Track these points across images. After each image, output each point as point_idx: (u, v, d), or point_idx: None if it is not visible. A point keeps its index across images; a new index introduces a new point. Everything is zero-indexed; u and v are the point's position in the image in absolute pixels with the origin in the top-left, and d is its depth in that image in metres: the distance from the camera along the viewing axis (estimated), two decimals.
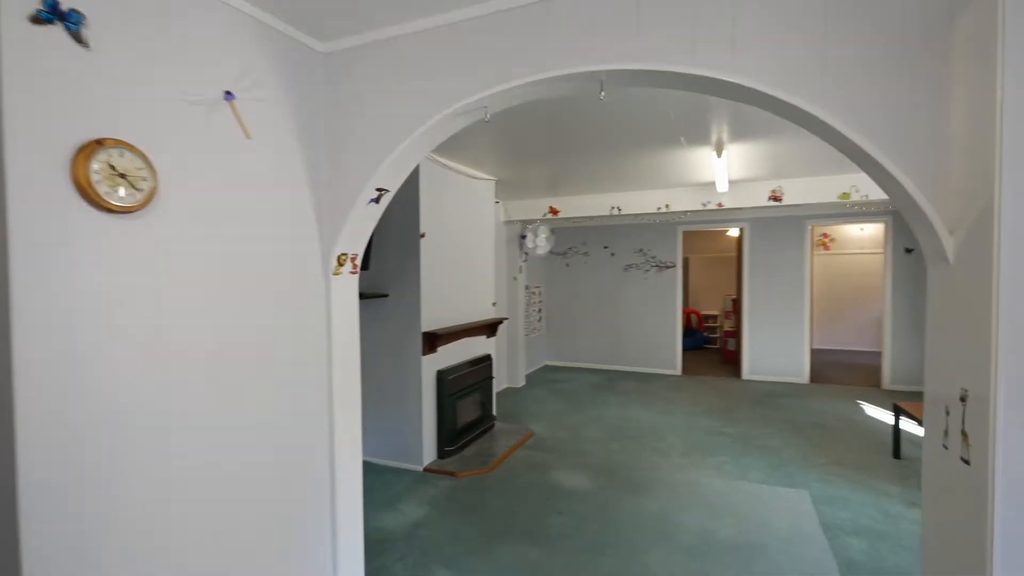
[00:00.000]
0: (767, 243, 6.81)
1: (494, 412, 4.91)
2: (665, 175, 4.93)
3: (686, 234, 9.72)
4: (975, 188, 1.10)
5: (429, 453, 3.97)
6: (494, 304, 5.01)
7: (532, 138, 3.63)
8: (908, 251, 6.18)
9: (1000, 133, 1.00)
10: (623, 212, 5.89)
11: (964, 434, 1.13)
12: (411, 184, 3.83)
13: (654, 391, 6.33)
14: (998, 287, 1.02)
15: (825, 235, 9.33)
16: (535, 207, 6.35)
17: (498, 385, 6.32)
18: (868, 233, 9.22)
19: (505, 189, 5.68)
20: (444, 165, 4.18)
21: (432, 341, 3.90)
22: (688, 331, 9.53)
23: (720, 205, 5.47)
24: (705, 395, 6.10)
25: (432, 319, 3.97)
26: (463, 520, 3.12)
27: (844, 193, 4.99)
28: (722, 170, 4.28)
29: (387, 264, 3.93)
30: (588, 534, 2.94)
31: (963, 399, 1.13)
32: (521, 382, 6.70)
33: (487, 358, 4.75)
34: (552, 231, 6.44)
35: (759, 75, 1.38)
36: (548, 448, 4.35)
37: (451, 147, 3.88)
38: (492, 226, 4.98)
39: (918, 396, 5.92)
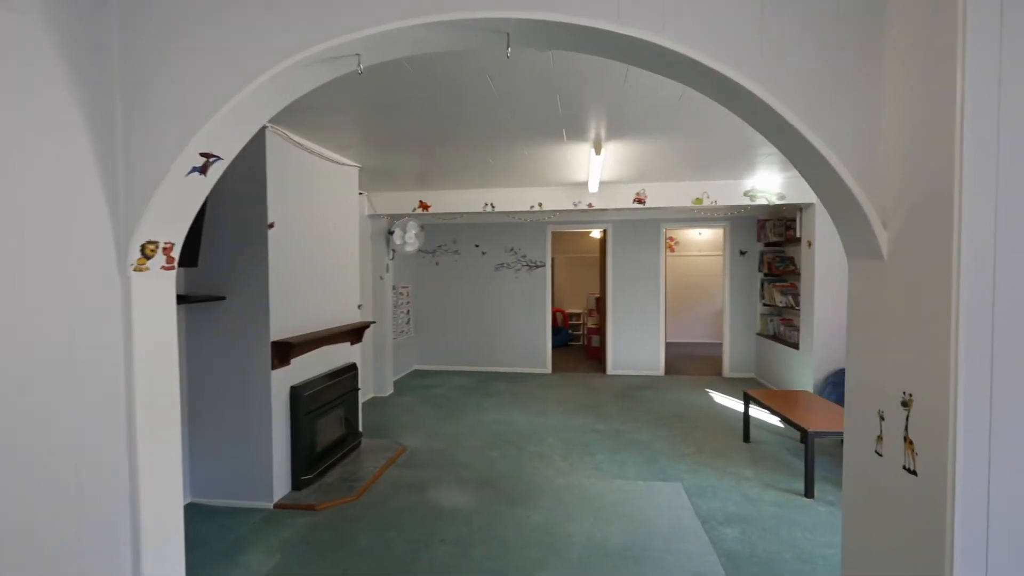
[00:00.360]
0: (628, 244, 7.18)
1: (360, 428, 4.37)
2: (540, 173, 4.84)
3: (554, 234, 9.98)
4: (912, 181, 1.03)
5: (281, 486, 3.34)
6: (359, 307, 4.47)
7: (404, 121, 3.23)
8: (742, 253, 6.97)
9: (960, 129, 0.91)
10: (496, 209, 5.72)
11: (908, 441, 1.06)
12: (255, 163, 3.17)
13: (527, 391, 6.27)
14: (958, 287, 0.94)
15: (671, 238, 10.25)
16: (404, 201, 5.88)
17: (364, 395, 5.75)
18: (706, 237, 10.34)
19: (371, 179, 5.14)
20: (299, 145, 3.57)
21: (284, 352, 3.28)
22: (555, 329, 9.77)
23: (590, 205, 5.57)
24: (575, 392, 6.19)
25: (284, 326, 3.34)
26: (325, 565, 2.61)
27: (697, 198, 5.39)
28: (597, 169, 4.29)
29: (224, 259, 3.21)
30: (474, 561, 2.64)
31: (905, 404, 1.07)
32: (389, 390, 6.18)
33: (352, 368, 4.20)
34: (422, 227, 6.04)
35: (692, 42, 1.20)
36: (423, 463, 3.96)
37: (308, 124, 3.30)
38: (356, 219, 4.43)
39: (752, 383, 6.68)
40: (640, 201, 5.49)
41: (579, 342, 10.14)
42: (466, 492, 3.45)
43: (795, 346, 5.70)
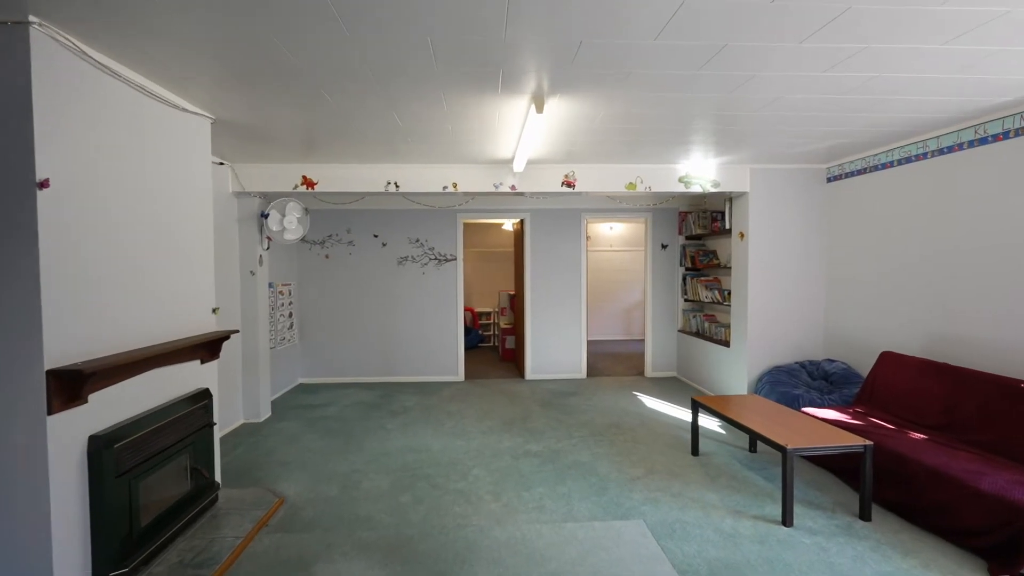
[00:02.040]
0: (547, 236, 6.54)
1: (217, 476, 3.20)
2: (457, 147, 3.97)
3: (464, 226, 9.11)
4: None
5: None
6: (215, 311, 3.27)
7: (274, 47, 2.19)
8: (664, 247, 6.64)
9: None
10: (401, 190, 4.73)
11: None
12: (5, 76, 1.96)
13: (440, 405, 5.35)
14: None
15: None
16: (283, 176, 4.68)
17: (226, 425, 4.47)
18: (617, 232, 10.11)
19: (237, 144, 3.91)
20: (103, 67, 2.35)
21: (73, 385, 2.09)
22: (465, 330, 8.92)
23: (513, 188, 4.80)
24: (495, 403, 5.40)
25: (74, 345, 2.14)
26: None
27: (630, 183, 4.86)
28: (530, 138, 3.52)
29: None
30: None
31: None
32: (265, 414, 4.92)
33: (203, 395, 3.02)
34: (306, 210, 4.87)
35: None
36: (308, 522, 2.92)
37: (120, 35, 2.12)
38: (209, 192, 3.23)
39: (675, 382, 6.37)
40: (569, 185, 4.83)
41: (491, 343, 9.39)
42: (370, 566, 2.49)
43: (724, 343, 5.42)
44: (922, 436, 3.15)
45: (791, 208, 4.93)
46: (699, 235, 6.23)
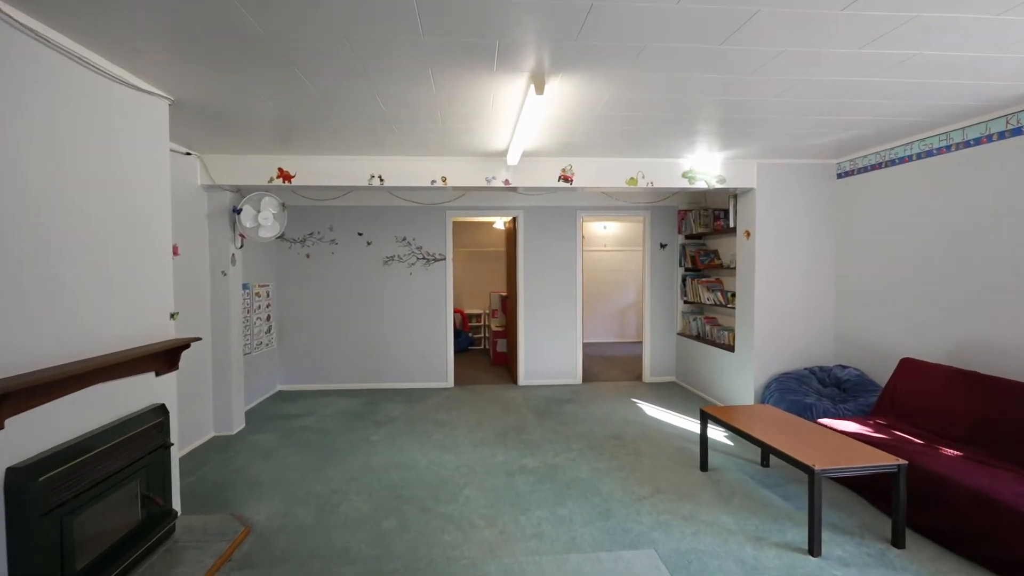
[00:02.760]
0: (541, 235, 6.23)
1: (176, 502, 2.84)
2: (445, 136, 3.64)
3: (454, 225, 8.76)
4: None
5: None
6: (174, 316, 2.91)
7: (231, 3, 1.86)
8: (662, 246, 6.37)
9: None
10: (386, 184, 4.40)
11: None
12: None
13: (428, 414, 5.02)
14: None
15: None
16: (257, 167, 4.32)
17: (194, 439, 4.10)
18: (611, 231, 9.84)
19: (203, 131, 3.55)
20: (25, 29, 2.00)
21: None
22: (455, 333, 8.59)
23: (507, 183, 4.49)
24: (487, 412, 5.08)
25: None
26: None
27: (632, 178, 4.57)
28: (527, 125, 3.21)
29: None
30: None
31: None
32: (237, 425, 4.55)
33: (158, 412, 2.66)
34: (283, 206, 4.52)
35: None
36: (278, 556, 2.58)
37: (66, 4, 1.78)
38: (165, 181, 2.87)
39: (674, 387, 6.10)
40: (567, 180, 4.53)
41: (481, 346, 9.07)
42: None
43: (728, 348, 5.15)
44: (956, 452, 2.89)
45: (799, 205, 4.68)
46: (699, 234, 5.97)
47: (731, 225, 5.11)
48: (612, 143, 4.02)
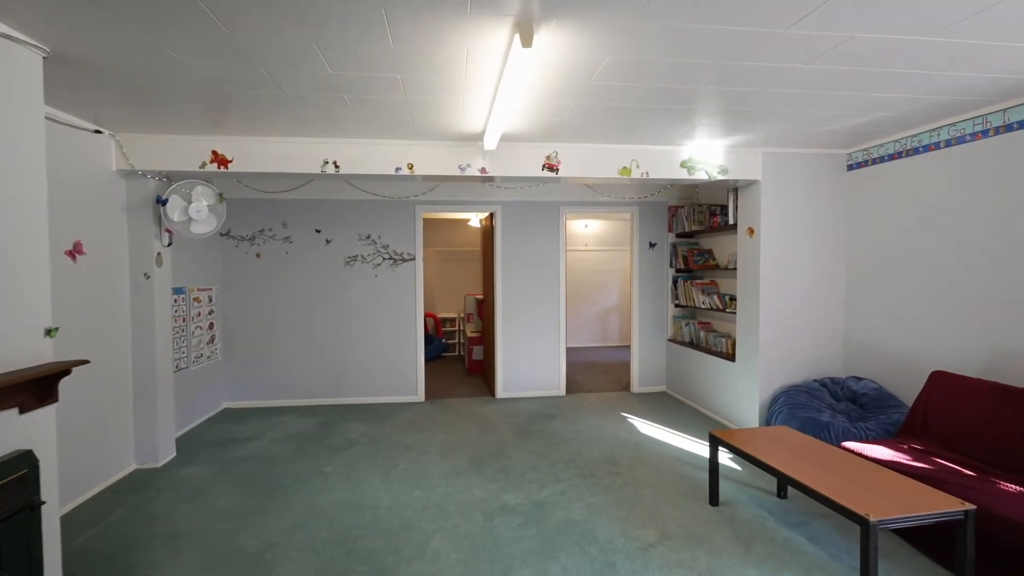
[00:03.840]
0: (521, 232, 5.68)
1: (57, 574, 2.17)
2: (410, 112, 3.05)
3: (425, 222, 8.15)
4: None
5: None
6: (51, 333, 2.24)
7: None
8: (652, 245, 5.89)
9: None
10: (342, 171, 3.77)
11: None
12: None
13: (394, 435, 4.41)
14: None
15: None
16: (187, 150, 3.64)
17: (107, 476, 3.40)
18: (592, 230, 9.36)
19: (116, 103, 2.86)
20: None
21: None
22: (427, 338, 7.99)
23: (484, 172, 3.91)
24: (462, 432, 4.50)
25: None
26: None
27: (625, 167, 4.05)
28: (508, 95, 2.64)
29: None
30: None
31: None
32: (165, 455, 3.85)
33: (20, 462, 2.00)
34: (221, 196, 3.85)
35: None
36: None
37: None
38: (39, 157, 2.20)
39: (664, 399, 5.62)
40: (552, 169, 3.98)
41: (456, 352, 8.46)
42: None
43: (726, 356, 4.69)
44: (1019, 488, 2.45)
45: (807, 199, 4.24)
46: (692, 232, 5.51)
47: (731, 221, 4.65)
48: (604, 126, 3.49)
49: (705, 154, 4.11)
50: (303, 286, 5.40)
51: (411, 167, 3.82)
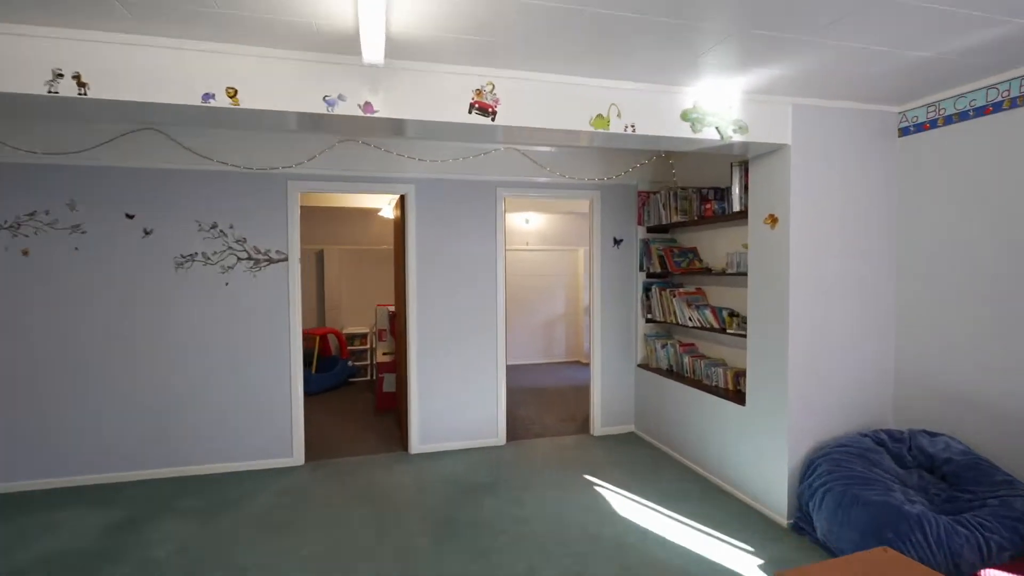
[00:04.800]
0: (443, 221, 4.11)
1: None
2: None
3: (316, 212, 6.36)
4: None
5: None
6: None
7: None
8: (617, 242, 4.51)
9: None
10: (92, 93, 2.03)
11: None
12: None
13: (232, 546, 2.68)
14: None
15: None
16: None
17: None
18: (533, 225, 7.93)
19: None
20: None
21: None
22: (327, 361, 6.22)
23: (369, 108, 2.30)
24: (349, 527, 2.85)
25: None
26: None
27: (599, 116, 2.59)
28: None
29: None
30: None
31: None
32: None
33: None
34: None
35: None
36: None
37: None
38: None
39: (635, 445, 4.26)
40: (484, 110, 2.44)
41: (368, 376, 6.72)
42: None
43: (729, 396, 3.37)
44: None
45: (852, 175, 2.98)
46: (670, 225, 4.17)
47: (736, 208, 3.33)
48: (570, 40, 2.02)
49: (715, 104, 2.74)
50: (106, 300, 3.51)
51: (233, 94, 2.14)
